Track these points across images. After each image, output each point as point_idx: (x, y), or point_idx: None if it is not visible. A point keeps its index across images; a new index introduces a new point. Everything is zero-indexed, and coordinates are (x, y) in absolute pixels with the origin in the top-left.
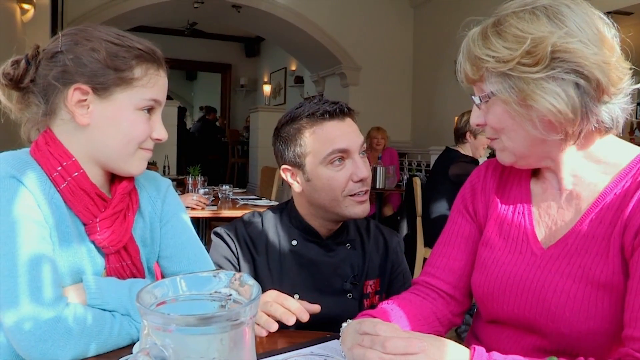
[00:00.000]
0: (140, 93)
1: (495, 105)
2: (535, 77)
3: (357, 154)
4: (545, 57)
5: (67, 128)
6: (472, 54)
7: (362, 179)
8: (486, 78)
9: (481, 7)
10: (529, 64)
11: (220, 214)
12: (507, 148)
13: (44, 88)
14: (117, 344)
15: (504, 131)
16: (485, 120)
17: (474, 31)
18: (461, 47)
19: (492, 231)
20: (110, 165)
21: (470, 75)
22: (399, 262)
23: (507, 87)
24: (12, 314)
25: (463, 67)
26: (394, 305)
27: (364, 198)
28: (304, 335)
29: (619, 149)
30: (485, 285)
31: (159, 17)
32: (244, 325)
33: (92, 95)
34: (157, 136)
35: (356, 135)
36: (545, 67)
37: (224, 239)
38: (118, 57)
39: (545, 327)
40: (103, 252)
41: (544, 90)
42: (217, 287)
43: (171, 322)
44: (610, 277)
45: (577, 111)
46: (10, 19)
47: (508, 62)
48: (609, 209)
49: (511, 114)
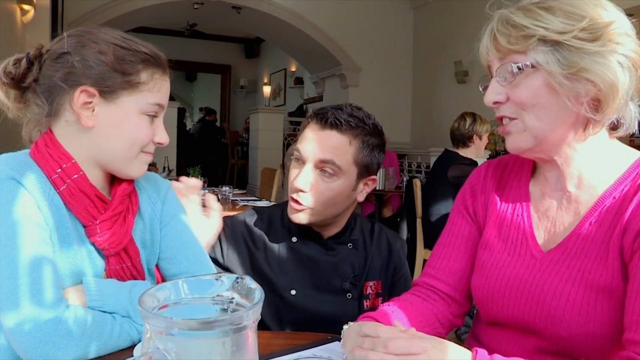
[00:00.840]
0: (146, 97)
1: (533, 77)
2: (593, 50)
3: (310, 164)
4: (604, 36)
5: (70, 130)
6: (514, 23)
7: (293, 187)
8: (531, 48)
9: (481, 8)
10: (587, 38)
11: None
12: (528, 129)
13: (49, 88)
14: (117, 345)
15: (534, 108)
16: (510, 96)
17: (507, 9)
18: (491, 21)
19: (492, 233)
20: (112, 168)
21: (508, 45)
22: (401, 266)
23: (556, 59)
24: (13, 315)
25: (495, 38)
26: (394, 307)
27: (294, 206)
28: (304, 337)
29: (620, 153)
30: (485, 288)
31: (159, 18)
32: (247, 329)
33: (98, 98)
34: (159, 140)
35: (321, 147)
36: (602, 45)
37: None
38: (125, 60)
39: (545, 330)
40: (103, 254)
41: (599, 64)
42: (219, 291)
43: (174, 326)
44: (610, 281)
45: (624, 91)
46: (11, 20)
47: (564, 33)
48: (608, 213)
49: (553, 86)
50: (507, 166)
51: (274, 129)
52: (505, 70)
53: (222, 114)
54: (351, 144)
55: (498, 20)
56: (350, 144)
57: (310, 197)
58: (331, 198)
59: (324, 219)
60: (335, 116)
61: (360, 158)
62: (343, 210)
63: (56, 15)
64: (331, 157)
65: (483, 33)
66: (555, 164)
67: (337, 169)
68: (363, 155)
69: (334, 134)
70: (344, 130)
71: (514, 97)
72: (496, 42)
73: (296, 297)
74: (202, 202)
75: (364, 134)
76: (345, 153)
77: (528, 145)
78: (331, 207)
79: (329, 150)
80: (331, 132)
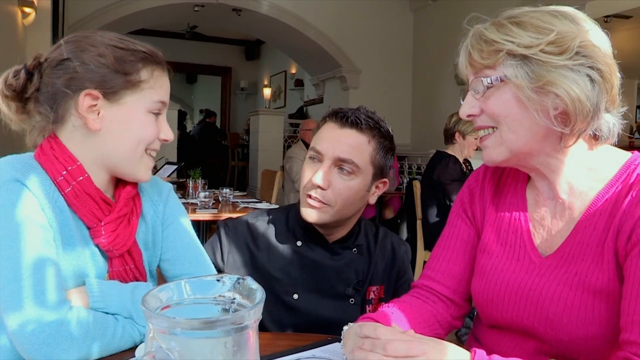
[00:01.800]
0: (149, 95)
1: (503, 91)
2: (559, 64)
3: (329, 161)
4: (571, 49)
5: (77, 134)
6: (486, 39)
7: (312, 184)
8: (500, 62)
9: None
10: (554, 52)
11: (221, 217)
12: (504, 141)
13: (52, 96)
14: (119, 346)
15: (506, 120)
16: (483, 109)
17: (482, 24)
18: (467, 37)
19: (490, 237)
20: (119, 170)
21: (479, 59)
22: (405, 271)
23: (525, 72)
24: (16, 316)
25: (469, 53)
26: (394, 309)
27: (313, 203)
28: (305, 339)
29: (609, 157)
30: (485, 292)
31: (159, 20)
32: (248, 329)
33: (102, 100)
34: (165, 137)
35: (340, 145)
36: (569, 58)
37: (219, 232)
38: (125, 61)
39: (544, 334)
40: (106, 256)
41: (566, 78)
42: (221, 291)
43: (176, 325)
44: (606, 283)
45: (592, 105)
46: (12, 23)
47: (530, 47)
48: (602, 216)
49: (522, 100)
50: (505, 170)
51: (274, 131)
52: (478, 84)
53: (222, 116)
54: (369, 144)
55: (472, 36)
56: (368, 143)
57: (328, 195)
58: (349, 197)
59: (338, 219)
60: (355, 115)
61: (377, 159)
62: (355, 212)
63: (57, 18)
64: (350, 156)
65: (460, 49)
66: (542, 174)
67: (355, 167)
68: (380, 157)
69: (354, 132)
70: (363, 129)
71: (486, 110)
72: (470, 57)
73: (298, 301)
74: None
75: (380, 135)
76: (363, 152)
77: (502, 157)
78: (347, 207)
79: (348, 149)
80: (350, 130)
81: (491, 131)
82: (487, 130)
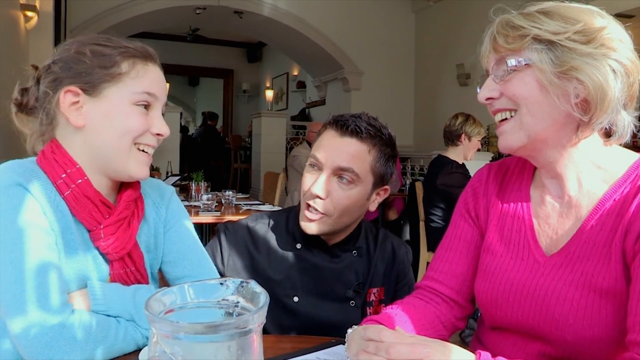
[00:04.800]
0: (130, 86)
1: (526, 73)
2: (585, 51)
3: (328, 170)
4: (597, 39)
5: (67, 132)
6: (511, 24)
7: (310, 193)
8: (525, 46)
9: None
10: (581, 40)
11: (223, 219)
12: (523, 125)
13: (41, 99)
14: (122, 349)
15: (526, 102)
16: (503, 92)
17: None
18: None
19: (494, 237)
20: (111, 168)
21: (504, 43)
22: (405, 273)
23: (549, 58)
24: (19, 320)
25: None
26: (398, 310)
27: (311, 216)
28: (309, 341)
29: (618, 157)
30: (489, 292)
31: (161, 23)
32: (252, 332)
33: (84, 96)
34: (158, 131)
35: (340, 154)
36: (595, 47)
37: (219, 236)
38: (103, 54)
39: (549, 334)
40: (107, 259)
41: (590, 66)
42: (225, 295)
43: (180, 330)
44: (613, 284)
45: (612, 95)
46: (15, 27)
47: (558, 34)
48: (609, 216)
49: (544, 84)
50: (509, 170)
51: (276, 133)
52: (500, 68)
53: (224, 118)
54: (370, 153)
55: (499, 22)
56: (369, 152)
57: (326, 204)
58: (348, 206)
59: (337, 228)
60: (355, 124)
61: (378, 167)
62: (354, 220)
63: (59, 22)
64: (350, 165)
65: (484, 36)
66: (553, 168)
67: (355, 176)
68: (380, 165)
69: (354, 141)
70: (363, 138)
71: (506, 92)
72: (495, 42)
73: (299, 304)
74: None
75: (381, 143)
76: (363, 161)
77: (520, 143)
78: (345, 216)
79: (348, 158)
80: (351, 139)
81: (509, 115)
82: (504, 114)
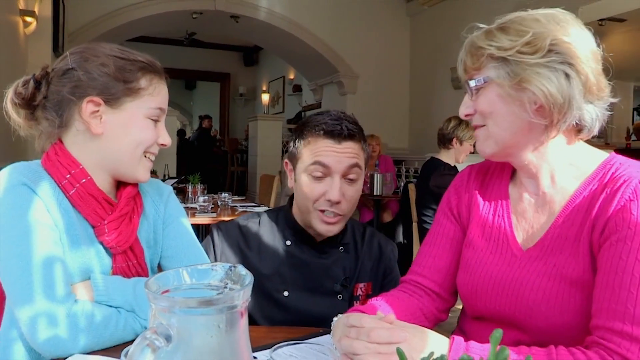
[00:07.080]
0: (148, 102)
1: (488, 90)
2: (532, 62)
3: (337, 175)
4: (543, 47)
5: (80, 138)
6: (474, 46)
7: (331, 201)
8: (484, 65)
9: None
10: (528, 52)
11: (219, 221)
12: (491, 135)
13: (58, 103)
14: (122, 338)
15: (492, 116)
16: (475, 108)
17: (474, 34)
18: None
19: (475, 232)
20: (120, 172)
21: (470, 64)
22: (392, 269)
23: (504, 72)
24: (26, 309)
25: (464, 60)
26: (382, 301)
27: (331, 219)
28: (299, 332)
29: (589, 154)
30: (470, 285)
31: (158, 27)
32: (238, 307)
33: (104, 106)
34: (163, 142)
35: (345, 158)
36: (542, 56)
37: (212, 235)
38: (125, 69)
39: (524, 322)
40: (110, 253)
41: (538, 75)
42: (215, 278)
43: (175, 304)
44: (582, 274)
45: (566, 98)
46: (14, 32)
47: (508, 49)
48: (579, 211)
49: (503, 97)
50: (489, 170)
51: (272, 136)
52: (469, 86)
53: (221, 121)
54: (362, 147)
55: (466, 44)
56: (362, 148)
57: (343, 206)
58: (357, 199)
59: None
60: (348, 128)
61: (366, 155)
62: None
63: (57, 26)
64: (356, 160)
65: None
66: (529, 169)
67: (360, 170)
68: (366, 149)
69: (352, 143)
70: (356, 137)
71: (477, 108)
72: (464, 63)
73: (289, 299)
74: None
75: (362, 133)
76: (361, 156)
77: (491, 150)
78: (353, 208)
79: (353, 158)
80: (349, 142)
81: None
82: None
